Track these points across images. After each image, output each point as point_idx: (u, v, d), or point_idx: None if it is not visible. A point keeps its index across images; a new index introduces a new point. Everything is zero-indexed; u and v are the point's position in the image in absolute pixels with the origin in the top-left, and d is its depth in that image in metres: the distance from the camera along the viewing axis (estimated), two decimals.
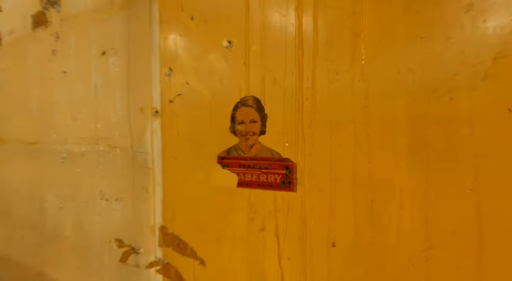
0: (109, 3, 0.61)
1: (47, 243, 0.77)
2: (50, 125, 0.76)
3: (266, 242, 0.42)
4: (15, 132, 0.85)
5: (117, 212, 0.62)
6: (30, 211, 0.82)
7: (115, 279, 0.63)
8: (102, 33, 0.63)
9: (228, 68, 0.45)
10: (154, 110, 0.54)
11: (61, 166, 0.73)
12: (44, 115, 0.77)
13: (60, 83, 0.73)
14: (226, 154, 0.46)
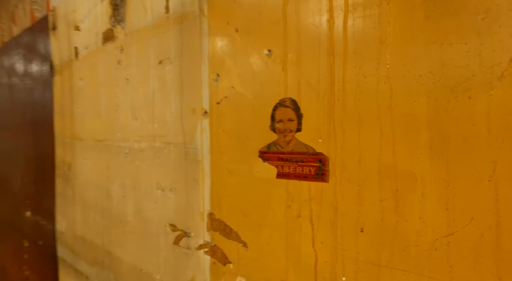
0: (165, 20, 0.70)
1: (113, 226, 0.90)
2: (115, 125, 0.88)
3: (301, 227, 0.48)
4: (88, 131, 0.99)
5: (171, 200, 0.71)
6: (100, 198, 0.95)
7: (169, 258, 0.72)
8: (159, 45, 0.72)
9: (269, 74, 0.51)
10: (203, 110, 0.62)
11: (124, 160, 0.85)
12: (110, 117, 0.90)
13: (123, 88, 0.84)
14: (266, 149, 0.52)
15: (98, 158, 0.95)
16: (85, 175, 1.03)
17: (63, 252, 1.18)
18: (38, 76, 1.30)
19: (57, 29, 1.14)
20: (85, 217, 1.04)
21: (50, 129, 1.22)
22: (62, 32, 1.11)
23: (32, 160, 1.42)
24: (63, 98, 1.13)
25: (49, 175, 1.26)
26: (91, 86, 0.97)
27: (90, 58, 0.97)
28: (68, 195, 1.13)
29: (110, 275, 0.92)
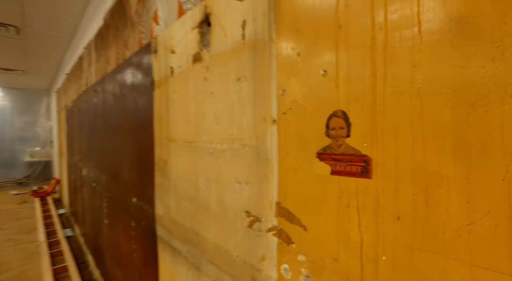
0: (242, 45, 0.87)
1: (200, 211, 1.11)
2: (201, 129, 1.09)
3: (350, 215, 0.58)
4: (180, 134, 1.23)
5: (247, 192, 0.88)
6: (189, 189, 1.18)
7: (245, 238, 0.89)
8: (237, 65, 0.89)
9: (324, 90, 0.63)
10: (272, 119, 0.77)
11: (209, 159, 1.05)
12: (198, 123, 1.11)
13: (208, 100, 1.04)
14: (322, 151, 0.64)
15: (188, 156, 1.18)
16: (177, 170, 1.28)
17: (161, 231, 1.46)
18: (142, 89, 1.63)
19: (157, 52, 1.42)
20: (177, 204, 1.29)
21: (151, 132, 1.52)
22: (161, 54, 1.38)
23: (136, 157, 1.77)
24: (161, 108, 1.41)
25: (149, 169, 1.57)
26: (183, 98, 1.21)
27: (182, 76, 1.20)
28: (164, 186, 1.40)
29: (198, 251, 1.14)
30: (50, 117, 9.39)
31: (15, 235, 4.64)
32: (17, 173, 9.15)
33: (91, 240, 3.40)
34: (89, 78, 3.11)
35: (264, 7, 0.78)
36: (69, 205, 5.45)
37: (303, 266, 0.69)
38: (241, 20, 0.86)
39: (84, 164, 3.60)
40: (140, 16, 1.62)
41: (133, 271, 1.92)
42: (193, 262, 1.17)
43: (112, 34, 2.18)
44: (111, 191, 2.44)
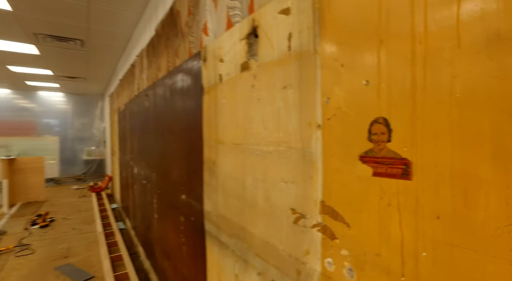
0: (288, 56, 0.94)
1: (247, 208, 1.21)
2: (249, 133, 1.18)
3: (391, 213, 0.63)
4: (229, 137, 1.34)
5: (292, 191, 0.95)
6: (237, 187, 1.28)
7: (290, 234, 0.96)
8: (283, 74, 0.97)
9: (366, 98, 0.68)
10: (317, 124, 0.83)
11: (256, 160, 1.14)
12: (245, 126, 1.20)
13: (255, 106, 1.13)
14: (365, 154, 0.69)
15: (236, 157, 1.28)
16: (225, 169, 1.39)
17: (209, 226, 1.59)
18: (191, 95, 1.77)
19: (207, 60, 1.54)
20: (225, 201, 1.40)
21: (200, 134, 1.66)
22: (210, 63, 1.51)
23: (185, 157, 1.92)
24: (210, 112, 1.53)
25: (198, 169, 1.70)
26: (231, 104, 1.31)
27: (231, 83, 1.31)
28: (213, 184, 1.52)
29: (244, 245, 1.23)
30: (103, 119, 10.21)
31: (78, 225, 5.16)
32: (77, 170, 10.07)
33: (141, 233, 3.68)
34: (140, 84, 3.39)
35: (309, 21, 0.85)
36: (121, 200, 5.90)
37: (346, 260, 0.75)
38: (287, 33, 0.94)
39: (135, 163, 3.91)
40: (190, 28, 1.76)
41: (181, 262, 2.08)
42: (240, 255, 1.27)
43: (163, 43, 2.37)
44: (160, 189, 2.64)
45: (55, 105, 9.82)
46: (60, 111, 9.88)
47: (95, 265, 3.61)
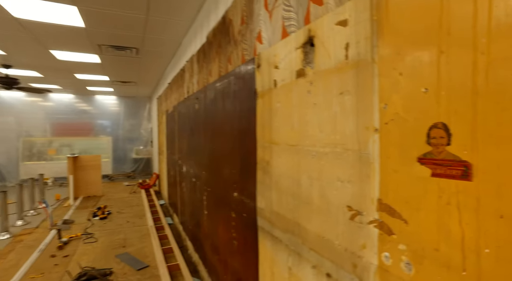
0: (345, 64, 1.02)
1: (301, 205, 1.30)
2: (304, 135, 1.27)
3: (450, 211, 0.69)
4: (283, 139, 1.44)
5: (348, 189, 1.02)
6: (291, 185, 1.37)
7: (346, 229, 1.03)
8: (340, 81, 1.04)
9: (425, 105, 0.74)
10: (374, 128, 0.90)
11: (311, 160, 1.22)
12: (301, 129, 1.29)
13: (311, 110, 1.22)
14: (423, 156, 0.75)
15: (291, 157, 1.38)
16: (279, 169, 1.49)
17: (262, 222, 1.70)
18: (244, 99, 1.89)
19: (260, 67, 1.66)
20: (279, 198, 1.50)
21: (253, 136, 1.77)
22: (264, 69, 1.62)
23: (238, 157, 2.05)
24: (263, 115, 1.64)
25: (251, 168, 1.82)
26: (286, 107, 1.41)
27: (286, 88, 1.40)
28: (266, 182, 1.63)
29: (299, 240, 1.32)
30: (150, 120, 10.87)
31: (131, 218, 5.60)
32: (127, 168, 10.83)
33: (189, 228, 3.92)
34: (190, 87, 3.62)
35: (367, 32, 0.92)
36: (168, 197, 6.27)
37: (403, 254, 0.81)
38: (344, 43, 1.01)
39: (184, 162, 4.17)
40: (243, 36, 1.89)
41: (232, 256, 2.22)
42: (294, 249, 1.36)
43: (215, 50, 2.54)
44: (211, 186, 2.82)
45: (108, 107, 10.66)
46: (112, 113, 10.70)
47: (148, 256, 3.91)
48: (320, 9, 1.13)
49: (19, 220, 5.39)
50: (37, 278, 3.36)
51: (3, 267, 3.68)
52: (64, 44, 4.20)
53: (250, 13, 1.79)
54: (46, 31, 3.65)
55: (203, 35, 3.02)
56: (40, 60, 5.11)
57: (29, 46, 4.29)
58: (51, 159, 10.04)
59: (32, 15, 3.16)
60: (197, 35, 3.27)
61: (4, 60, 5.11)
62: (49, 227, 5.00)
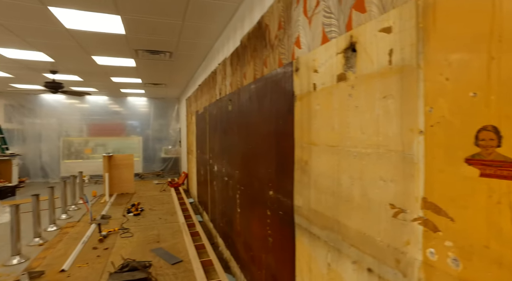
0: (389, 69, 1.07)
1: (342, 203, 1.35)
2: (345, 136, 1.32)
3: (501, 210, 0.72)
4: (322, 140, 1.50)
5: (391, 188, 1.07)
6: (331, 184, 1.43)
7: (389, 226, 1.08)
8: (383, 86, 1.09)
9: (473, 109, 0.78)
10: (419, 130, 0.95)
11: (353, 160, 1.28)
12: (342, 131, 1.35)
13: (352, 113, 1.27)
14: (471, 157, 0.79)
15: (330, 157, 1.44)
16: (318, 168, 1.55)
17: (299, 219, 1.77)
18: (282, 101, 1.97)
19: (299, 70, 1.73)
20: (317, 197, 1.56)
21: (290, 136, 1.85)
22: (303, 73, 1.68)
23: (274, 157, 2.13)
24: (302, 117, 1.70)
25: (288, 167, 1.90)
26: (326, 110, 1.47)
27: (326, 91, 1.46)
28: (304, 181, 1.69)
29: (338, 236, 1.38)
30: (179, 120, 11.21)
31: (163, 215, 5.84)
32: (156, 167, 11.23)
33: (221, 226, 4.05)
34: (223, 89, 3.74)
35: (413, 39, 0.96)
36: (197, 195, 6.47)
37: (450, 251, 0.85)
38: (388, 49, 1.06)
39: (215, 161, 4.31)
40: (281, 40, 1.97)
41: (267, 252, 2.30)
42: (333, 245, 1.42)
43: (250, 53, 2.63)
44: (244, 185, 2.92)
45: (138, 108, 11.12)
46: (142, 113, 11.15)
47: (181, 251, 4.08)
48: (362, 16, 1.19)
49: (63, 214, 5.78)
50: (84, 267, 3.62)
51: (54, 255, 3.99)
52: (105, 50, 4.48)
53: (288, 19, 1.86)
54: (90, 39, 3.92)
55: (236, 39, 3.13)
56: (83, 65, 5.46)
57: (75, 53, 4.61)
58: (87, 158, 10.63)
59: (81, 25, 3.41)
60: (230, 39, 3.38)
61: (52, 66, 5.52)
62: (89, 221, 5.33)
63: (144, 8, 2.96)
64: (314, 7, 1.55)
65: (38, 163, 9.87)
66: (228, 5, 2.92)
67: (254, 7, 2.57)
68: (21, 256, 3.88)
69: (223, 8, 3.01)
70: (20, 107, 9.74)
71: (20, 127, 9.76)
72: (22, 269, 3.64)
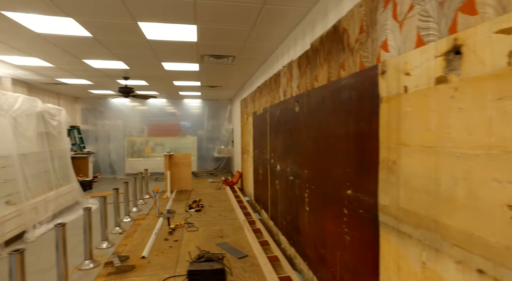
0: (508, 70, 1.08)
1: (441, 203, 1.37)
2: (446, 137, 1.34)
3: None
4: (415, 140, 1.53)
5: (508, 189, 1.08)
6: (426, 184, 1.46)
7: (505, 227, 1.09)
8: (497, 87, 1.11)
9: None
10: None
11: (456, 161, 1.30)
12: (441, 132, 1.37)
13: (455, 114, 1.29)
14: None
15: (425, 158, 1.46)
16: (409, 168, 1.58)
17: (384, 218, 1.80)
18: (362, 103, 2.02)
19: (386, 73, 1.77)
20: (408, 196, 1.59)
21: (374, 137, 1.89)
22: (390, 75, 1.72)
23: (353, 157, 2.18)
24: (389, 118, 1.74)
25: (371, 167, 1.94)
26: (419, 112, 1.49)
27: (420, 94, 1.49)
28: (392, 181, 1.73)
29: (437, 236, 1.40)
30: (231, 121, 11.59)
31: (222, 212, 6.14)
32: (209, 166, 11.75)
33: (284, 224, 4.17)
34: (288, 91, 3.86)
35: None
36: (253, 194, 6.67)
37: None
38: (507, 51, 1.07)
39: (278, 160, 4.44)
40: (362, 44, 2.02)
41: (342, 250, 2.36)
42: (429, 244, 1.44)
43: (323, 56, 2.71)
44: (314, 184, 3.00)
45: (193, 110, 11.73)
46: (196, 114, 11.74)
47: (245, 247, 4.28)
48: (472, 18, 1.21)
49: (134, 207, 6.36)
50: (160, 255, 3.99)
51: (133, 243, 4.44)
52: (174, 56, 4.86)
53: (371, 22, 1.91)
54: (164, 47, 4.29)
55: (305, 42, 3.22)
56: (152, 71, 5.97)
57: (148, 60, 5.08)
58: (147, 156, 11.48)
59: (160, 35, 3.77)
60: (298, 42, 3.49)
61: (125, 73, 6.11)
62: (157, 215, 5.80)
63: (220, 17, 3.18)
64: (407, 11, 1.59)
65: (107, 161, 10.91)
66: (298, 10, 3.02)
67: (328, 12, 2.64)
68: (108, 241, 4.38)
69: (293, 13, 3.12)
70: (94, 110, 10.87)
71: (93, 128, 10.88)
72: (110, 252, 4.12)
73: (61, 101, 9.53)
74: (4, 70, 5.90)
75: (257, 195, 6.21)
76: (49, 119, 5.92)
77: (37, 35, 3.73)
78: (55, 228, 3.06)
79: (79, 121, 10.67)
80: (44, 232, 4.94)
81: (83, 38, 3.84)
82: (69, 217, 5.72)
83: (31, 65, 5.42)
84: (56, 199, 5.74)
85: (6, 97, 4.56)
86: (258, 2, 2.80)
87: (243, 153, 8.24)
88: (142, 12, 3.01)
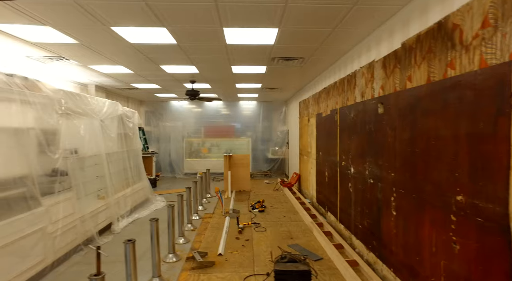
0: None
1: None
2: None
3: None
4: None
5: None
6: None
7: None
8: None
9: None
10: None
11: None
12: None
13: None
14: None
15: None
16: None
17: None
18: (484, 103, 1.88)
19: None
20: None
21: (500, 140, 1.75)
22: None
23: (465, 161, 2.04)
24: None
25: (493, 172, 1.80)
26: None
27: None
28: None
29: None
30: (285, 122, 11.60)
31: (286, 213, 6.15)
32: (263, 167, 11.87)
33: (359, 227, 4.05)
34: (367, 92, 3.75)
35: None
36: (316, 196, 6.59)
37: None
38: None
39: (351, 163, 4.33)
40: (485, 40, 1.88)
41: (448, 259, 2.22)
42: None
43: (420, 55, 2.59)
44: (404, 188, 2.87)
45: (247, 111, 11.94)
46: (250, 116, 11.93)
47: (317, 250, 4.24)
48: None
49: (200, 206, 6.65)
50: (235, 253, 4.11)
51: (207, 240, 4.64)
52: (245, 59, 4.98)
53: (503, 15, 1.77)
54: (239, 51, 4.42)
55: (393, 41, 3.10)
56: (219, 74, 6.20)
57: (220, 65, 5.28)
58: (204, 157, 11.94)
59: (238, 40, 3.89)
60: (382, 42, 3.37)
61: (192, 76, 6.43)
62: (223, 214, 6.00)
63: (305, 19, 3.17)
64: None
65: (167, 160, 11.56)
66: (390, 8, 2.92)
67: (429, 8, 2.51)
68: (184, 237, 4.63)
69: (382, 12, 3.02)
70: (156, 112, 11.60)
71: (155, 130, 11.61)
72: (187, 248, 4.35)
73: (130, 104, 10.32)
74: (92, 78, 6.55)
75: (321, 198, 6.12)
76: (126, 121, 6.44)
77: (130, 45, 4.08)
78: (150, 222, 3.31)
79: (143, 123, 11.46)
80: (126, 225, 5.38)
81: (168, 45, 4.10)
82: (144, 212, 6.16)
83: (115, 72, 5.94)
84: (132, 195, 6.21)
85: (97, 102, 5.05)
86: (349, 2, 2.76)
87: (302, 154, 8.19)
88: (229, 17, 3.13)
